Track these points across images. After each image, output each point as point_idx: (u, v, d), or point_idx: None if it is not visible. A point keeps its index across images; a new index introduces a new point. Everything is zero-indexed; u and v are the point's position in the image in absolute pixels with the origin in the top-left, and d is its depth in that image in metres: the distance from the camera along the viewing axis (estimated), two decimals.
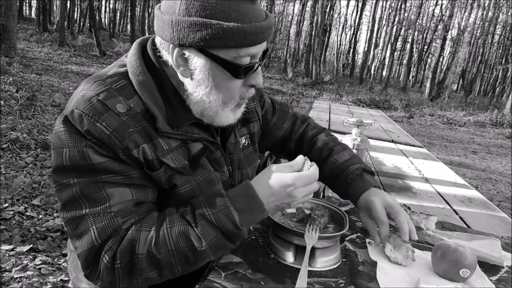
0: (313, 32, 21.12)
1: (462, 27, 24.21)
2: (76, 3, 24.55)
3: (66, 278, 2.04)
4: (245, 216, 0.77)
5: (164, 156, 0.81)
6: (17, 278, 1.99)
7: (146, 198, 0.81)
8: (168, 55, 0.81)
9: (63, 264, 2.16)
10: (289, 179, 0.78)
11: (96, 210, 0.75)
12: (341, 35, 37.24)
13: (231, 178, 0.97)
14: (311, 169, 0.81)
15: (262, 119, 1.14)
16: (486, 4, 23.58)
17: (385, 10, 31.63)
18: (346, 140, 1.91)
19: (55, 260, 2.19)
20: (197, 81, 0.80)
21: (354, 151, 1.88)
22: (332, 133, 1.24)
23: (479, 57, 30.85)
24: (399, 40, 30.46)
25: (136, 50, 0.85)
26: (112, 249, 0.74)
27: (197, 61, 0.77)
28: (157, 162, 0.80)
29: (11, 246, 2.24)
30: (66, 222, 0.77)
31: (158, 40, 0.83)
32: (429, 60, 30.99)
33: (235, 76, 0.79)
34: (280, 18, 30.91)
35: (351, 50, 33.43)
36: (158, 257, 0.74)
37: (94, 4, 16.81)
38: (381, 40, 32.36)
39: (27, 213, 2.65)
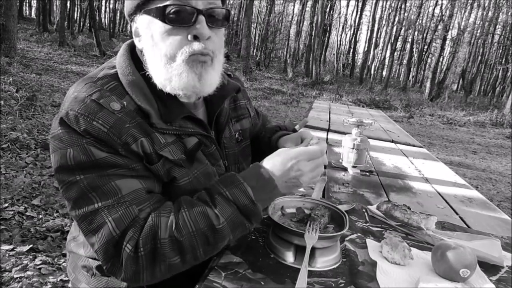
0: (313, 32, 21.13)
1: (462, 27, 24.22)
2: (76, 3, 24.55)
3: (66, 278, 2.03)
4: (258, 192, 0.78)
5: (162, 149, 0.81)
6: (17, 278, 1.99)
7: (154, 188, 0.82)
8: (134, 38, 0.86)
9: (63, 264, 2.16)
10: (292, 153, 0.80)
11: (109, 202, 0.75)
12: (341, 35, 37.25)
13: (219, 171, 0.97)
14: (316, 145, 0.84)
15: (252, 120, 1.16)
16: (486, 4, 23.58)
17: (385, 10, 31.65)
18: (346, 140, 1.92)
19: (55, 260, 2.19)
20: (145, 45, 0.83)
21: (354, 151, 1.89)
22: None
23: (479, 57, 30.84)
24: (399, 40, 30.46)
25: (125, 51, 0.88)
26: (134, 238, 0.74)
27: (141, 23, 0.82)
28: (155, 156, 0.81)
29: (11, 246, 2.24)
30: (79, 219, 0.76)
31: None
32: (429, 60, 30.99)
33: (163, 21, 0.78)
34: (280, 18, 30.92)
35: (351, 50, 33.46)
36: (181, 240, 0.74)
37: (94, 4, 16.80)
38: (381, 40, 32.36)
39: (27, 213, 2.65)
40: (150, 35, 0.81)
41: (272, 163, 0.81)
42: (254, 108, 1.22)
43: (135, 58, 0.87)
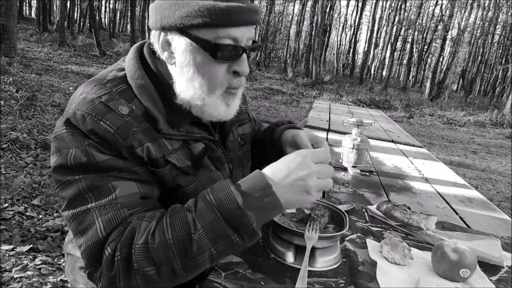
0: (313, 32, 21.13)
1: (462, 27, 24.23)
2: (76, 3, 24.55)
3: (66, 278, 2.03)
4: (249, 198, 0.69)
5: (169, 155, 0.81)
6: (17, 278, 1.99)
7: (152, 194, 0.81)
8: (158, 47, 0.83)
9: (63, 264, 2.16)
10: (297, 153, 0.75)
11: (102, 203, 0.73)
12: (341, 35, 37.23)
13: (232, 176, 0.97)
14: (322, 148, 0.84)
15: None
16: (486, 4, 23.58)
17: (385, 10, 31.64)
18: (346, 140, 1.92)
19: (55, 260, 2.19)
20: (179, 65, 0.81)
21: (354, 151, 1.89)
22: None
23: (479, 57, 30.84)
24: (399, 40, 30.44)
25: (134, 54, 0.87)
26: (115, 241, 0.70)
27: (179, 43, 0.79)
28: (163, 161, 0.80)
29: (11, 246, 2.24)
30: (70, 219, 0.74)
31: (151, 35, 0.85)
32: (429, 60, 30.99)
33: (213, 57, 0.77)
34: (280, 18, 30.91)
35: (351, 50, 33.44)
36: (154, 247, 0.68)
37: (94, 4, 16.80)
38: (381, 40, 32.36)
39: (27, 213, 2.64)
40: (189, 60, 0.79)
41: (272, 167, 0.74)
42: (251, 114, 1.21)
43: (144, 62, 0.86)
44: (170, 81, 0.84)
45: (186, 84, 0.81)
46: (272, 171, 0.73)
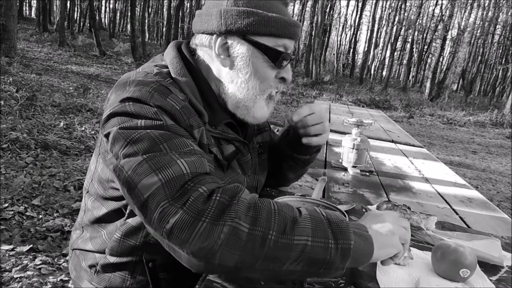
0: (313, 32, 21.14)
1: (462, 27, 24.23)
2: (76, 3, 24.57)
3: (66, 278, 2.03)
4: (352, 224, 0.72)
5: (212, 147, 0.85)
6: (17, 278, 1.99)
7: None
8: (208, 50, 0.88)
9: (63, 264, 2.16)
10: (397, 221, 0.77)
11: (180, 150, 0.71)
12: (341, 35, 37.26)
13: (247, 181, 1.00)
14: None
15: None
16: (486, 4, 23.61)
17: (385, 10, 31.66)
18: (346, 140, 1.92)
19: (55, 260, 2.19)
20: (237, 68, 0.86)
21: (354, 151, 1.89)
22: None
23: (479, 57, 30.84)
24: (399, 40, 30.45)
25: (176, 53, 0.90)
26: (211, 184, 0.67)
27: (240, 48, 0.85)
28: (208, 149, 0.84)
29: (11, 246, 2.24)
30: (141, 162, 0.68)
31: (198, 38, 0.89)
32: (429, 60, 31.00)
33: (274, 62, 0.85)
34: None
35: (351, 50, 33.45)
36: (259, 206, 0.66)
37: (94, 4, 16.81)
38: (381, 40, 32.39)
39: (27, 213, 2.64)
40: (249, 64, 0.85)
41: (374, 217, 0.78)
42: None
43: (183, 60, 0.89)
44: (213, 83, 0.89)
45: (240, 85, 0.87)
46: (370, 222, 0.77)
